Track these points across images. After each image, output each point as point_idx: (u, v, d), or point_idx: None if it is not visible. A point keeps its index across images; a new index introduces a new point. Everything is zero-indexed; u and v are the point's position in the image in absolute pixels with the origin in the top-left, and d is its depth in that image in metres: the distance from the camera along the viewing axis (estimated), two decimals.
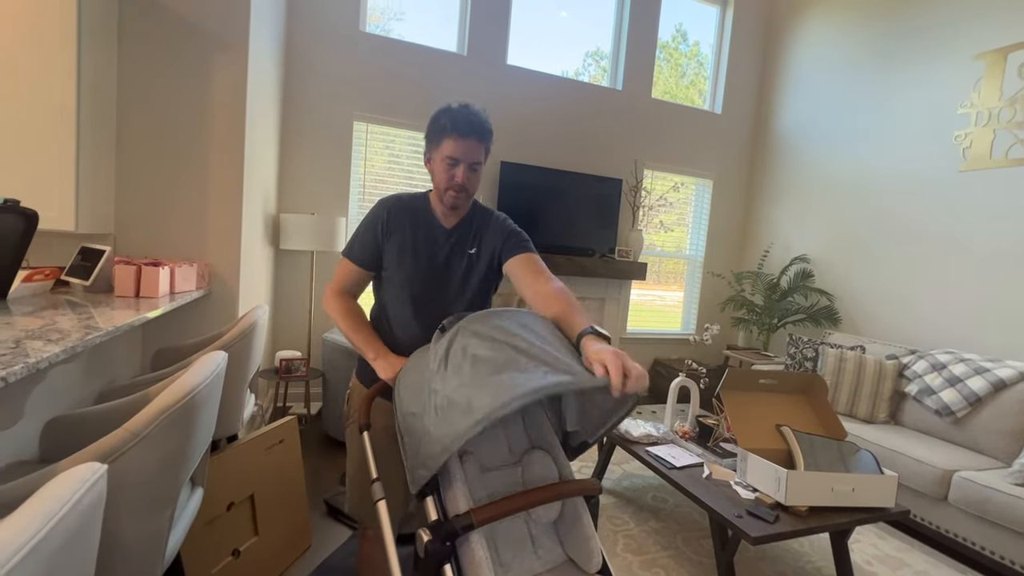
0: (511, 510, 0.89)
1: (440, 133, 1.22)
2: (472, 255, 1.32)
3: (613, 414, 1.04)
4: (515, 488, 1.06)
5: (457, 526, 0.86)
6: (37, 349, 1.01)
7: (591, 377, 0.87)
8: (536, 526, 1.04)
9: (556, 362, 0.90)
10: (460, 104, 1.24)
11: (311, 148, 3.33)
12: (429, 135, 1.26)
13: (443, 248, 1.31)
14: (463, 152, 1.21)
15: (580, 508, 1.03)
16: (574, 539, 1.02)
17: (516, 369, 0.88)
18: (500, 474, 1.08)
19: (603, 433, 1.10)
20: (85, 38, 1.80)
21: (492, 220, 1.36)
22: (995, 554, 2.10)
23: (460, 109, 1.22)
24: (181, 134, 2.12)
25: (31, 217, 1.47)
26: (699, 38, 4.53)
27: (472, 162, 1.23)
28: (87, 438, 0.91)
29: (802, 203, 4.15)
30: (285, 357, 2.86)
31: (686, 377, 2.47)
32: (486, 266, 1.33)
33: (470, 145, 1.21)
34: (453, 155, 1.21)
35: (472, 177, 1.24)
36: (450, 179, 1.23)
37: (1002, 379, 2.52)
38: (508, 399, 0.81)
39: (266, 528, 1.76)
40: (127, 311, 1.50)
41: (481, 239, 1.34)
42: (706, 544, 2.18)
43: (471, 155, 1.22)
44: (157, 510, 0.93)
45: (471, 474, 1.02)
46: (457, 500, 0.92)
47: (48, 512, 0.50)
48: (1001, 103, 2.89)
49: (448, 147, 1.21)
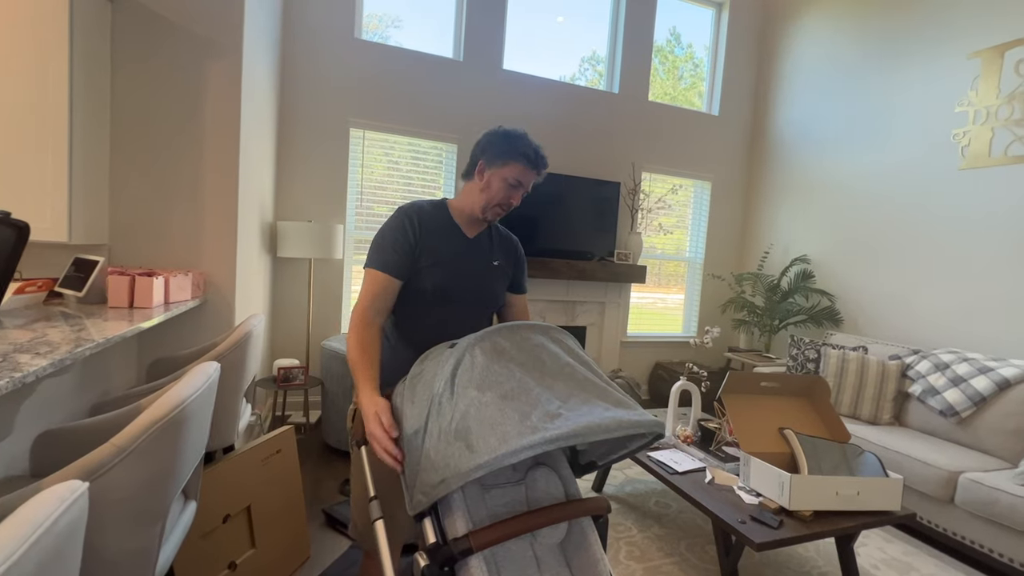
0: (512, 533, 0.85)
1: (511, 155, 1.26)
2: (497, 266, 1.37)
3: (630, 443, 1.02)
4: (518, 507, 1.02)
5: (455, 550, 0.82)
6: (25, 363, 0.99)
7: (640, 416, 0.83)
8: (541, 547, 0.99)
9: (601, 393, 0.87)
10: (522, 132, 1.30)
11: (308, 155, 3.32)
12: (495, 150, 1.28)
13: (471, 256, 1.33)
14: (527, 181, 1.30)
15: (588, 529, 0.99)
16: (581, 562, 0.97)
17: (527, 400, 0.84)
18: (502, 492, 1.02)
19: (616, 460, 1.07)
20: (78, 46, 1.79)
21: (509, 239, 1.44)
22: (1004, 556, 2.07)
23: (532, 143, 1.29)
24: (175, 143, 2.12)
25: (23, 229, 1.46)
26: (694, 40, 4.54)
27: (527, 191, 1.33)
28: (77, 452, 0.90)
29: (801, 204, 4.13)
30: (283, 366, 2.84)
31: (687, 381, 2.45)
32: (505, 279, 1.40)
33: (533, 177, 1.31)
34: (520, 180, 1.28)
35: (519, 202, 1.34)
36: (506, 199, 1.29)
37: (1006, 378, 2.49)
38: (517, 447, 0.76)
39: (263, 540, 1.73)
40: (121, 322, 1.48)
41: (502, 255, 1.40)
42: (710, 550, 2.15)
43: (529, 184, 1.32)
44: (146, 526, 0.91)
45: (471, 493, 0.97)
46: (455, 521, 0.88)
47: (22, 536, 0.49)
48: (999, 101, 2.88)
49: (518, 171, 1.27)
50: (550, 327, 1.05)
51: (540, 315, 3.94)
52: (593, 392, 0.91)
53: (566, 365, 0.97)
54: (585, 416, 0.81)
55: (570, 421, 0.81)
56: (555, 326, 1.06)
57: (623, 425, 0.82)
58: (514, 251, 1.44)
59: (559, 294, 3.98)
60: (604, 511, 0.97)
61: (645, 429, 0.84)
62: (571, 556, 1.00)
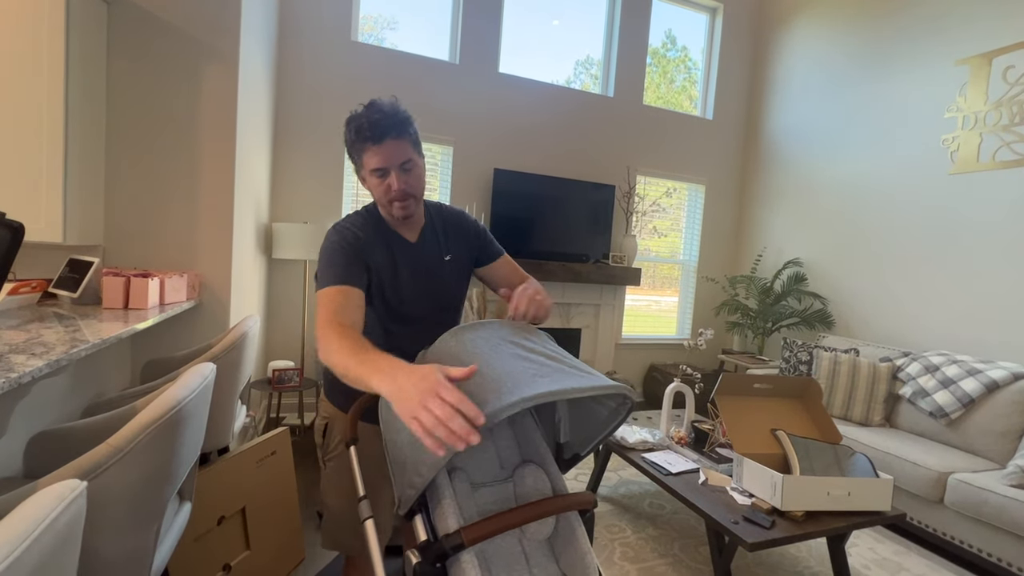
0: (503, 527, 0.86)
1: (355, 147, 1.10)
2: (449, 262, 1.25)
3: (608, 424, 1.03)
4: (507, 504, 1.03)
5: (447, 546, 0.82)
6: (20, 363, 0.99)
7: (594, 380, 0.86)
8: (530, 543, 1.01)
9: (566, 362, 0.90)
10: (364, 106, 1.09)
11: (304, 157, 3.32)
12: (350, 154, 1.14)
13: (417, 265, 1.21)
14: (386, 158, 1.07)
15: (575, 523, 1.00)
16: (569, 556, 0.99)
17: (505, 368, 0.84)
18: (491, 490, 1.04)
19: (596, 444, 1.08)
20: (73, 48, 1.79)
21: (456, 221, 1.28)
22: (992, 556, 2.09)
23: (364, 112, 1.08)
24: (171, 144, 2.11)
25: (17, 229, 1.45)
26: (689, 44, 4.58)
27: (402, 163, 1.09)
28: (71, 453, 0.89)
29: (794, 207, 4.17)
30: (278, 367, 2.83)
31: (681, 382, 2.47)
32: (464, 270, 1.29)
33: (389, 147, 1.06)
34: (378, 166, 1.08)
35: (408, 178, 1.10)
36: (387, 191, 1.10)
37: (995, 380, 2.53)
38: (510, 401, 0.75)
39: (258, 542, 1.73)
40: (115, 323, 1.48)
41: (451, 243, 1.26)
42: (704, 551, 2.17)
43: (396, 156, 1.08)
44: (142, 527, 0.91)
45: (461, 491, 0.99)
46: (447, 518, 0.88)
47: (22, 533, 0.49)
48: (987, 107, 2.92)
49: (370, 159, 1.08)
50: (520, 325, 1.03)
51: None
52: (565, 365, 0.92)
53: (536, 347, 0.97)
54: (560, 381, 0.83)
55: (552, 381, 0.82)
56: (525, 324, 1.04)
57: (596, 389, 0.85)
58: (465, 230, 1.28)
59: (554, 296, 3.99)
60: (591, 505, 0.99)
61: (614, 391, 0.87)
62: (559, 551, 1.01)
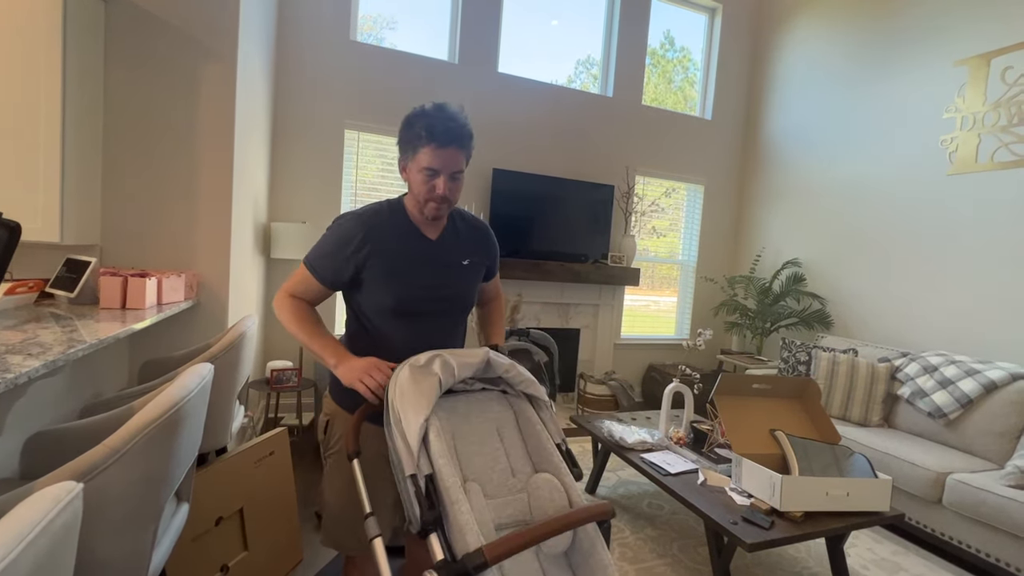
0: (526, 543, 0.81)
1: (415, 142, 1.12)
2: (467, 266, 1.27)
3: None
4: (522, 516, 1.00)
5: (469, 566, 0.77)
6: (17, 364, 0.99)
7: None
8: (546, 558, 0.97)
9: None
10: (435, 106, 1.13)
11: (302, 156, 3.31)
12: (403, 143, 1.16)
13: (435, 262, 1.23)
14: (442, 163, 1.11)
15: (595, 535, 0.96)
16: (590, 569, 0.95)
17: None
18: (504, 503, 1.01)
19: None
20: (71, 46, 1.78)
21: (482, 233, 1.35)
22: (991, 557, 2.09)
23: (436, 113, 1.11)
24: (169, 143, 2.11)
25: (14, 229, 1.45)
26: (688, 44, 4.58)
27: (454, 171, 1.14)
28: (68, 454, 0.89)
29: (793, 207, 4.17)
30: (276, 367, 2.83)
31: (680, 383, 2.47)
32: (479, 277, 1.33)
33: (449, 154, 1.11)
34: (432, 166, 1.11)
35: (454, 187, 1.15)
36: (430, 191, 1.14)
37: (993, 380, 2.53)
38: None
39: (256, 543, 1.72)
40: (113, 323, 1.48)
41: (472, 250, 1.30)
42: (703, 551, 2.17)
43: (451, 165, 1.12)
44: (139, 528, 0.91)
45: (476, 506, 0.95)
46: (465, 536, 0.84)
47: (18, 535, 0.49)
48: (985, 107, 2.93)
49: (426, 157, 1.11)
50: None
51: (535, 317, 3.95)
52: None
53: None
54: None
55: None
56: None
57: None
58: (485, 240, 1.34)
59: (553, 296, 3.99)
60: (609, 516, 0.95)
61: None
62: (577, 563, 0.98)
